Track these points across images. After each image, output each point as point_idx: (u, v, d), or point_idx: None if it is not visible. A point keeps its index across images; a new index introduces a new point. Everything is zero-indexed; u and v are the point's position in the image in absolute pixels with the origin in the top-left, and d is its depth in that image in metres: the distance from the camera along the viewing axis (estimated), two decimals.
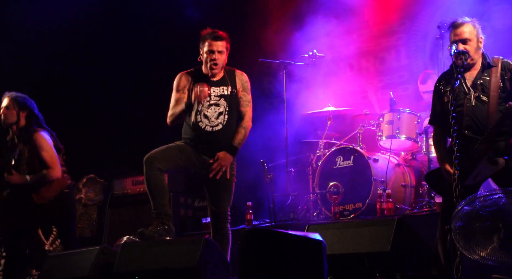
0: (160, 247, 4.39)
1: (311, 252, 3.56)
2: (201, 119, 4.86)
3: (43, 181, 5.58)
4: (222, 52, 4.86)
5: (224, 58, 4.90)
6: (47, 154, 5.58)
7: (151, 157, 4.71)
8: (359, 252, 4.01)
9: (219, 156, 4.82)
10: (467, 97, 4.40)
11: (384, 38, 8.11)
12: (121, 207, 7.68)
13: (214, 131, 4.87)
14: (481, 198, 3.94)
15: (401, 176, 6.63)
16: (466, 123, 4.37)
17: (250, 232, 3.68)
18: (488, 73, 4.42)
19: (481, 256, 3.87)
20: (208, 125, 4.86)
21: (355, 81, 8.31)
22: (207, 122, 4.86)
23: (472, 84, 4.43)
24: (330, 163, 6.75)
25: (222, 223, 4.94)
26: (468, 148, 4.30)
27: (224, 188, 4.91)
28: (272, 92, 8.39)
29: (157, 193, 4.71)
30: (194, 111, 4.86)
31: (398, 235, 3.94)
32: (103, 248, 4.60)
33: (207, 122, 4.86)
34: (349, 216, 6.43)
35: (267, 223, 6.86)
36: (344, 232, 4.13)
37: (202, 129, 4.86)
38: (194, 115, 4.86)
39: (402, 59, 8.05)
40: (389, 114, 6.68)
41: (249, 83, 5.04)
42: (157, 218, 4.71)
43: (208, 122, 4.86)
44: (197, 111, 4.86)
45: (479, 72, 4.44)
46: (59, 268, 4.83)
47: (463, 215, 3.88)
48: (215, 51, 4.85)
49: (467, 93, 4.41)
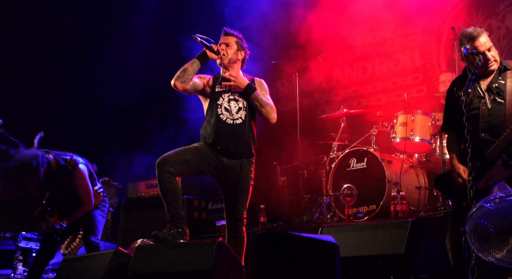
0: (174, 250, 4.39)
1: (325, 254, 3.55)
2: (222, 111, 4.93)
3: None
4: (229, 45, 5.02)
5: (233, 51, 5.03)
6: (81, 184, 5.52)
7: (163, 160, 4.72)
8: (373, 254, 3.99)
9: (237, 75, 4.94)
10: (482, 101, 4.41)
11: (398, 40, 8.09)
12: (135, 210, 7.72)
13: (234, 124, 4.91)
14: (496, 199, 3.92)
15: (415, 178, 6.60)
16: (482, 125, 4.37)
17: (263, 235, 3.68)
18: (503, 77, 4.42)
19: (497, 258, 3.84)
20: (229, 117, 4.92)
21: (368, 82, 8.30)
22: (228, 115, 4.92)
23: (487, 88, 4.43)
24: (344, 165, 6.73)
25: (238, 226, 4.95)
26: (483, 151, 4.29)
27: (241, 191, 4.92)
28: (284, 94, 8.41)
29: (170, 196, 4.72)
30: (215, 105, 4.91)
31: (412, 237, 3.91)
32: (117, 252, 4.62)
33: (228, 115, 4.92)
34: (363, 218, 6.41)
35: (280, 226, 6.85)
36: (357, 235, 4.11)
37: (223, 121, 4.90)
38: (215, 108, 4.91)
39: (416, 61, 8.02)
40: (403, 116, 6.66)
41: (268, 89, 5.17)
42: (171, 221, 4.72)
43: (229, 115, 4.92)
44: (218, 104, 4.91)
45: (494, 76, 4.45)
46: (74, 272, 4.85)
47: (478, 217, 3.86)
48: (222, 44, 5.04)
49: (482, 97, 4.41)
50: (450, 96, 4.59)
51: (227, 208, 4.97)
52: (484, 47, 4.41)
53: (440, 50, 7.79)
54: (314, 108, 8.18)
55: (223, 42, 5.05)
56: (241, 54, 5.06)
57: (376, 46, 8.14)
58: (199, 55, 4.94)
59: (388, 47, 8.14)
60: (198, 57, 4.93)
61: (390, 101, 7.89)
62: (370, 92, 8.26)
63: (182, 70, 4.87)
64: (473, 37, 4.43)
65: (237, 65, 5.07)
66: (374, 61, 8.30)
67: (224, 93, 4.96)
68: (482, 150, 4.29)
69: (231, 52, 5.02)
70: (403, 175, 6.46)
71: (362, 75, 8.40)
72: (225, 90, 4.96)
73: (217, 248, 4.13)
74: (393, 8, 7.88)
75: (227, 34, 5.09)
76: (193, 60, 4.91)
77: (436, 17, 7.72)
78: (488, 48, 4.42)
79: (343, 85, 8.53)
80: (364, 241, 4.06)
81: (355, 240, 4.08)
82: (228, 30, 5.11)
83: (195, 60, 4.91)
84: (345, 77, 8.54)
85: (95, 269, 4.61)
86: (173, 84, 4.87)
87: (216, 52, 4.95)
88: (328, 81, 8.58)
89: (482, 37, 4.43)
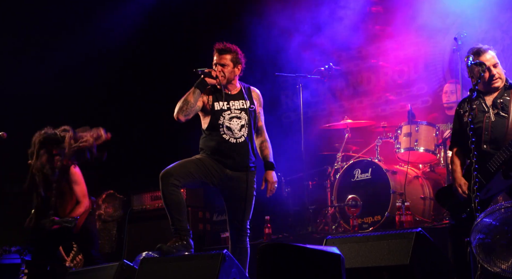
0: (179, 262, 4.39)
1: (330, 266, 3.54)
2: (224, 131, 4.90)
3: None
4: (225, 65, 4.93)
5: (230, 70, 4.94)
6: (78, 186, 5.70)
7: (167, 173, 4.72)
8: (378, 265, 3.98)
9: (268, 179, 4.97)
10: (486, 115, 4.47)
11: (402, 51, 8.10)
12: (140, 222, 7.72)
13: (238, 143, 4.90)
14: (501, 209, 3.91)
15: (420, 188, 6.59)
16: (485, 138, 4.42)
17: (268, 246, 3.67)
18: (508, 93, 4.47)
19: (502, 268, 3.83)
20: (232, 137, 4.89)
21: (373, 93, 8.30)
22: (230, 134, 4.89)
23: (492, 103, 4.50)
24: (348, 176, 6.73)
25: (242, 236, 4.94)
26: (484, 163, 4.34)
27: (244, 202, 4.91)
28: (288, 106, 8.41)
29: (174, 209, 4.71)
30: (216, 125, 4.89)
31: (418, 248, 3.90)
32: (122, 264, 4.62)
33: (230, 134, 4.89)
34: (368, 229, 6.40)
35: (285, 237, 6.84)
36: (362, 246, 4.10)
37: (226, 141, 4.88)
38: (217, 127, 4.89)
39: (420, 71, 8.02)
40: (407, 126, 6.66)
41: (262, 100, 5.14)
42: (175, 234, 4.72)
43: (232, 134, 4.89)
44: (219, 124, 4.89)
45: (500, 92, 4.50)
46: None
47: (483, 227, 3.85)
48: (218, 64, 4.94)
49: (487, 111, 4.46)
50: (456, 114, 4.66)
51: (231, 219, 4.96)
52: (489, 63, 4.44)
53: (444, 61, 7.79)
54: (318, 119, 8.18)
55: (218, 62, 4.94)
56: (237, 69, 4.98)
57: (380, 56, 8.14)
58: (198, 84, 4.85)
59: (392, 58, 8.14)
60: (197, 86, 4.84)
61: (395, 112, 7.88)
62: (375, 102, 8.26)
63: (184, 103, 4.81)
64: (480, 52, 4.47)
65: (235, 81, 5.03)
66: (379, 71, 8.30)
67: (224, 111, 4.92)
68: (483, 162, 4.34)
69: (228, 72, 4.93)
70: (407, 185, 6.45)
71: (367, 85, 8.40)
72: (224, 108, 4.93)
73: (222, 260, 4.13)
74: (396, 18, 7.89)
75: (222, 53, 4.95)
76: (193, 90, 4.83)
77: (440, 28, 7.72)
78: (493, 64, 4.45)
79: (348, 96, 8.53)
80: (369, 252, 4.05)
81: (360, 251, 4.07)
82: (220, 47, 4.96)
83: (195, 90, 4.83)
84: (349, 87, 8.54)
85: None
86: (176, 118, 4.84)
87: (214, 77, 4.89)
88: (333, 92, 8.58)
89: (489, 53, 4.47)
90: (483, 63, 4.40)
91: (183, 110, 4.80)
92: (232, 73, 4.96)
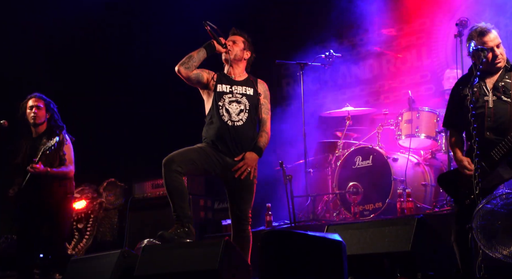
0: (181, 249, 4.40)
1: (331, 253, 3.55)
2: (223, 113, 4.92)
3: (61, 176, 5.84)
4: (236, 42, 5.05)
5: (239, 48, 5.04)
6: (69, 152, 5.89)
7: (170, 159, 4.72)
8: (379, 252, 3.99)
9: (245, 156, 4.87)
10: (486, 98, 4.39)
11: (405, 38, 8.06)
12: (141, 210, 7.72)
13: (235, 126, 4.90)
14: (503, 195, 3.91)
15: (421, 175, 6.59)
16: (488, 124, 4.32)
17: (269, 234, 3.68)
18: (509, 76, 4.41)
19: (504, 254, 3.84)
20: (229, 119, 4.91)
21: (375, 81, 8.28)
22: (228, 117, 4.91)
23: (493, 86, 4.41)
24: (349, 163, 6.73)
25: (244, 225, 4.94)
26: (488, 150, 4.26)
27: (246, 190, 4.92)
28: (289, 93, 8.39)
29: (176, 196, 4.72)
30: (216, 106, 4.91)
31: (419, 235, 3.91)
32: (124, 252, 4.63)
33: (228, 117, 4.91)
34: (369, 216, 6.40)
35: (286, 225, 6.85)
36: (364, 232, 4.11)
37: (224, 122, 4.89)
38: (217, 109, 4.91)
39: (423, 58, 7.99)
40: (408, 113, 6.64)
41: (269, 92, 5.15)
42: (177, 221, 4.72)
43: (229, 117, 4.91)
44: (219, 106, 4.91)
45: (500, 75, 4.43)
46: (81, 272, 4.87)
47: (484, 213, 3.85)
48: (230, 40, 5.07)
49: (488, 95, 4.39)
50: (454, 93, 4.58)
51: (232, 207, 4.96)
52: (492, 43, 4.39)
53: (447, 48, 7.75)
54: (319, 106, 8.16)
55: (230, 39, 5.08)
56: (247, 53, 5.08)
57: (382, 44, 8.10)
58: (206, 45, 4.95)
59: (395, 45, 8.11)
60: (205, 46, 4.95)
61: (398, 100, 7.86)
62: (377, 90, 8.24)
63: (187, 57, 4.89)
64: (483, 32, 4.42)
65: (242, 64, 5.08)
66: (381, 59, 8.27)
67: (225, 94, 4.95)
68: (487, 150, 4.25)
69: (238, 49, 5.04)
70: (408, 172, 6.45)
71: (369, 73, 8.38)
72: (226, 91, 4.96)
73: (224, 247, 4.13)
74: (399, 5, 7.85)
75: (235, 33, 5.12)
76: (199, 49, 4.93)
77: (443, 14, 7.68)
78: (496, 44, 4.41)
79: (349, 83, 8.51)
80: (370, 239, 4.06)
81: (361, 238, 4.08)
82: (236, 29, 5.14)
83: (201, 49, 4.93)
84: (351, 75, 8.52)
85: (102, 269, 4.63)
86: (177, 70, 4.88)
87: (223, 45, 4.97)
88: (334, 79, 8.56)
89: (492, 33, 4.43)
90: (485, 49, 4.36)
91: (184, 63, 4.87)
92: (241, 53, 5.05)
